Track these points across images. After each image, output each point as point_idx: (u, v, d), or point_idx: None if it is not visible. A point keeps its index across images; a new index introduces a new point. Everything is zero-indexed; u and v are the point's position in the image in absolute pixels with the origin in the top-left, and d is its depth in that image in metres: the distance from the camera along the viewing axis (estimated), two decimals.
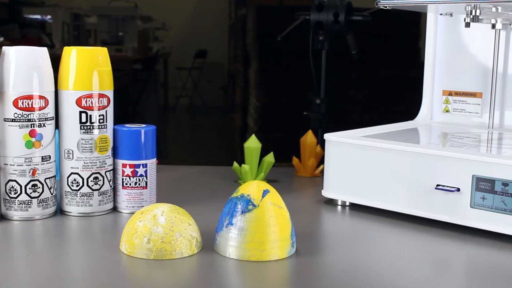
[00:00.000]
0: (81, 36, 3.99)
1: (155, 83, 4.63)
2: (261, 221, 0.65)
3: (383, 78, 2.85)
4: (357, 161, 0.84)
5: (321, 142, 1.04)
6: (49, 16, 3.79)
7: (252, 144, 0.96)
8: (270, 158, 0.97)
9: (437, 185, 0.77)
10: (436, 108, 1.07)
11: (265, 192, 0.66)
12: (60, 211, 0.80)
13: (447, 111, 1.05)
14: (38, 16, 3.85)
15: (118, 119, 0.81)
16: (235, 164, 0.97)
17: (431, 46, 1.05)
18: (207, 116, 5.16)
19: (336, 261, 0.67)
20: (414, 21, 2.88)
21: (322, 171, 1.04)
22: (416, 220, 0.80)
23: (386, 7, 0.89)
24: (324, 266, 0.65)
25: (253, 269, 0.63)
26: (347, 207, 0.87)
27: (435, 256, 0.69)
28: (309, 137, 1.03)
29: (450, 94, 1.05)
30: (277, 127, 2.89)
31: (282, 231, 0.66)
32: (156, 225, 0.65)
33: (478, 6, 0.78)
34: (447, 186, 0.76)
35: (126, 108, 3.84)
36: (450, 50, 1.04)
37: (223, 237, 0.66)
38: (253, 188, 0.66)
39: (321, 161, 1.05)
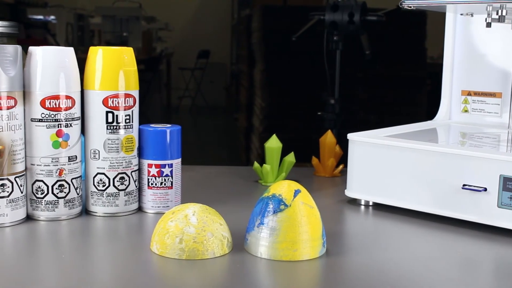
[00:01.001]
0: (85, 37, 3.99)
1: (158, 83, 4.62)
2: (293, 220, 0.65)
3: (387, 78, 2.85)
4: (381, 161, 0.84)
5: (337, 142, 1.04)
6: (52, 17, 3.79)
7: (273, 144, 0.96)
8: (291, 158, 0.97)
9: (464, 185, 0.77)
10: (454, 108, 1.07)
11: (297, 192, 0.66)
12: (85, 211, 0.80)
13: (466, 111, 1.05)
14: (42, 17, 3.84)
15: None
16: (256, 164, 0.97)
17: (450, 46, 1.05)
18: (210, 117, 5.16)
19: (366, 261, 0.66)
20: (420, 22, 2.88)
21: (341, 171, 1.05)
22: (441, 220, 0.80)
23: (410, 7, 0.89)
24: (355, 266, 0.65)
25: (286, 269, 0.63)
26: (370, 207, 0.87)
27: (463, 255, 0.69)
28: (328, 137, 1.03)
29: (469, 94, 1.05)
30: (283, 128, 2.89)
31: (314, 230, 0.66)
32: (188, 225, 0.65)
33: (504, 6, 0.79)
34: (474, 186, 0.76)
35: None
36: (469, 50, 1.04)
37: (254, 236, 0.66)
38: (284, 188, 0.66)
39: (340, 161, 1.05)
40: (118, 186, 0.78)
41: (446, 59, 1.06)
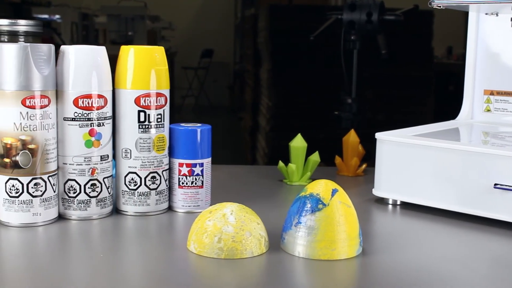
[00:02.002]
0: (90, 36, 3.98)
1: None
2: (332, 220, 0.65)
3: (394, 78, 2.85)
4: (409, 160, 0.84)
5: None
6: (57, 16, 3.78)
7: (298, 143, 0.96)
8: (315, 157, 0.97)
9: (495, 184, 0.77)
10: (477, 108, 1.07)
11: (334, 191, 0.66)
12: (115, 210, 0.80)
13: (489, 110, 1.05)
14: (47, 16, 3.84)
15: None
16: (281, 163, 0.97)
17: (473, 45, 1.05)
18: (213, 116, 5.15)
19: (402, 260, 0.66)
20: (426, 22, 2.88)
21: (364, 170, 1.05)
22: (470, 219, 0.80)
23: (440, 6, 0.89)
24: (392, 265, 0.65)
25: (324, 268, 0.63)
26: (398, 206, 0.87)
27: (497, 255, 0.69)
28: (351, 137, 1.03)
29: (491, 93, 1.05)
30: (290, 127, 2.89)
31: (351, 230, 0.66)
32: (226, 224, 0.64)
33: None
34: (506, 185, 0.76)
35: None
36: (491, 49, 1.04)
37: (291, 236, 0.66)
38: (321, 187, 0.66)
39: (362, 160, 1.05)
40: (150, 185, 0.78)
41: (469, 58, 1.06)
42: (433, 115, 2.95)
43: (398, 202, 0.87)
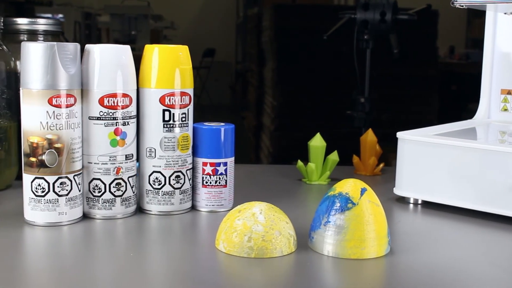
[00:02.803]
0: (92, 35, 3.98)
1: None
2: (361, 219, 0.65)
3: (397, 77, 2.85)
4: (431, 159, 0.84)
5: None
6: (60, 15, 3.78)
7: (318, 142, 0.96)
8: (334, 156, 0.97)
9: None
10: (494, 107, 1.07)
11: (363, 190, 0.66)
12: (139, 209, 0.80)
13: (506, 109, 1.05)
14: (50, 15, 3.83)
15: None
16: (300, 162, 0.97)
17: (490, 45, 1.05)
18: (215, 115, 5.14)
19: (430, 259, 0.66)
20: (431, 21, 2.88)
21: (382, 170, 1.05)
22: (492, 218, 0.80)
23: (462, 6, 0.89)
24: (421, 264, 0.65)
25: (354, 267, 0.63)
26: (419, 205, 0.87)
27: None
28: (369, 136, 1.03)
29: (509, 93, 1.05)
30: (295, 126, 2.89)
31: (381, 229, 0.66)
32: (256, 223, 0.64)
33: None
34: None
35: None
36: (509, 49, 1.04)
37: (320, 235, 0.66)
38: (349, 186, 0.66)
39: (380, 159, 1.05)
40: (174, 184, 0.78)
41: (486, 58, 1.06)
42: (437, 115, 2.96)
43: (419, 201, 0.87)
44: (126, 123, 0.75)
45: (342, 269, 0.64)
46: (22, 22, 0.94)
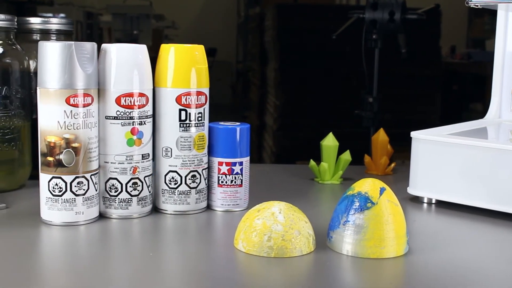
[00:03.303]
0: (94, 34, 3.97)
1: None
2: (381, 218, 0.65)
3: (401, 77, 2.85)
4: (445, 159, 0.84)
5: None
6: (62, 15, 3.77)
7: (330, 142, 0.96)
8: (346, 156, 0.97)
9: None
10: (504, 107, 1.07)
11: (382, 190, 0.66)
12: (154, 209, 0.80)
13: None
14: (51, 15, 3.83)
15: None
16: (312, 162, 0.97)
17: (501, 45, 1.05)
18: (216, 115, 5.14)
19: (448, 258, 0.66)
20: (434, 20, 2.88)
21: (393, 169, 1.05)
22: (506, 217, 0.80)
23: (477, 6, 0.89)
24: (440, 263, 0.65)
25: (373, 266, 0.63)
26: (433, 205, 0.87)
27: None
28: (381, 135, 1.03)
29: None
30: (297, 126, 2.89)
31: (399, 228, 0.66)
32: (276, 223, 0.64)
33: None
34: None
35: None
36: None
37: (339, 234, 0.66)
38: (368, 185, 0.66)
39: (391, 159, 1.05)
40: (190, 184, 0.78)
41: (497, 57, 1.06)
42: (440, 115, 2.96)
43: (433, 201, 0.87)
44: (143, 123, 0.75)
45: (362, 268, 0.64)
46: (35, 21, 0.94)
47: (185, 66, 0.76)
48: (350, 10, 1.38)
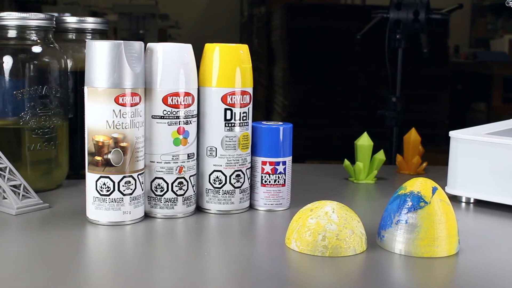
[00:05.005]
0: None
1: None
2: (434, 217, 0.65)
3: (407, 76, 2.85)
4: (484, 158, 0.84)
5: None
6: (67, 14, 3.76)
7: (365, 142, 0.96)
8: (381, 155, 0.97)
9: None
10: None
11: (434, 189, 0.66)
12: (197, 209, 0.80)
13: None
14: (56, 14, 3.81)
15: None
16: (347, 161, 0.98)
17: None
18: None
19: (499, 257, 0.67)
20: (443, 21, 2.88)
21: (424, 169, 1.05)
22: None
23: None
24: (492, 262, 0.65)
25: (427, 265, 0.64)
26: (471, 204, 0.87)
27: None
28: (413, 135, 1.03)
29: None
30: (306, 126, 2.89)
31: (451, 227, 0.66)
32: (330, 222, 0.65)
33: None
34: None
35: None
36: None
37: (391, 233, 0.66)
38: (420, 185, 0.66)
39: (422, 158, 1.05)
40: (234, 183, 0.78)
41: None
42: (448, 114, 2.96)
43: (471, 200, 0.87)
44: (189, 122, 0.75)
45: (415, 267, 0.64)
46: (71, 20, 0.94)
47: (230, 65, 0.76)
48: (373, 10, 1.38)
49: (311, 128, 2.85)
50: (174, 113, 0.74)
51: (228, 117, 0.77)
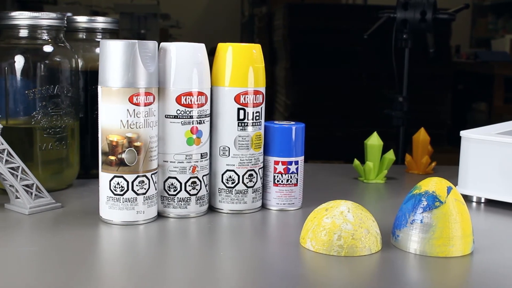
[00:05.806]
0: None
1: None
2: (449, 217, 0.65)
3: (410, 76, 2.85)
4: (495, 158, 0.84)
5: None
6: (69, 14, 3.75)
7: (375, 141, 0.96)
8: (390, 155, 0.98)
9: None
10: None
11: (449, 189, 0.66)
12: (210, 208, 0.80)
13: None
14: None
15: None
16: (356, 161, 0.98)
17: None
18: None
19: None
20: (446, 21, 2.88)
21: (433, 168, 1.05)
22: None
23: None
24: (507, 263, 0.66)
25: (442, 265, 0.64)
26: (482, 204, 0.87)
27: None
28: (422, 135, 1.03)
29: None
30: (308, 126, 2.89)
31: (466, 227, 0.66)
32: (345, 222, 0.65)
33: None
34: None
35: None
36: None
37: (406, 233, 0.66)
38: (435, 184, 0.66)
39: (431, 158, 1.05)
40: (247, 183, 0.78)
41: None
42: (451, 114, 2.97)
43: (482, 200, 0.88)
44: (202, 122, 0.75)
45: (430, 266, 0.64)
46: (81, 20, 0.94)
47: (243, 65, 0.76)
48: (378, 10, 1.38)
49: (313, 128, 2.85)
50: (188, 112, 0.74)
51: (241, 116, 0.77)
